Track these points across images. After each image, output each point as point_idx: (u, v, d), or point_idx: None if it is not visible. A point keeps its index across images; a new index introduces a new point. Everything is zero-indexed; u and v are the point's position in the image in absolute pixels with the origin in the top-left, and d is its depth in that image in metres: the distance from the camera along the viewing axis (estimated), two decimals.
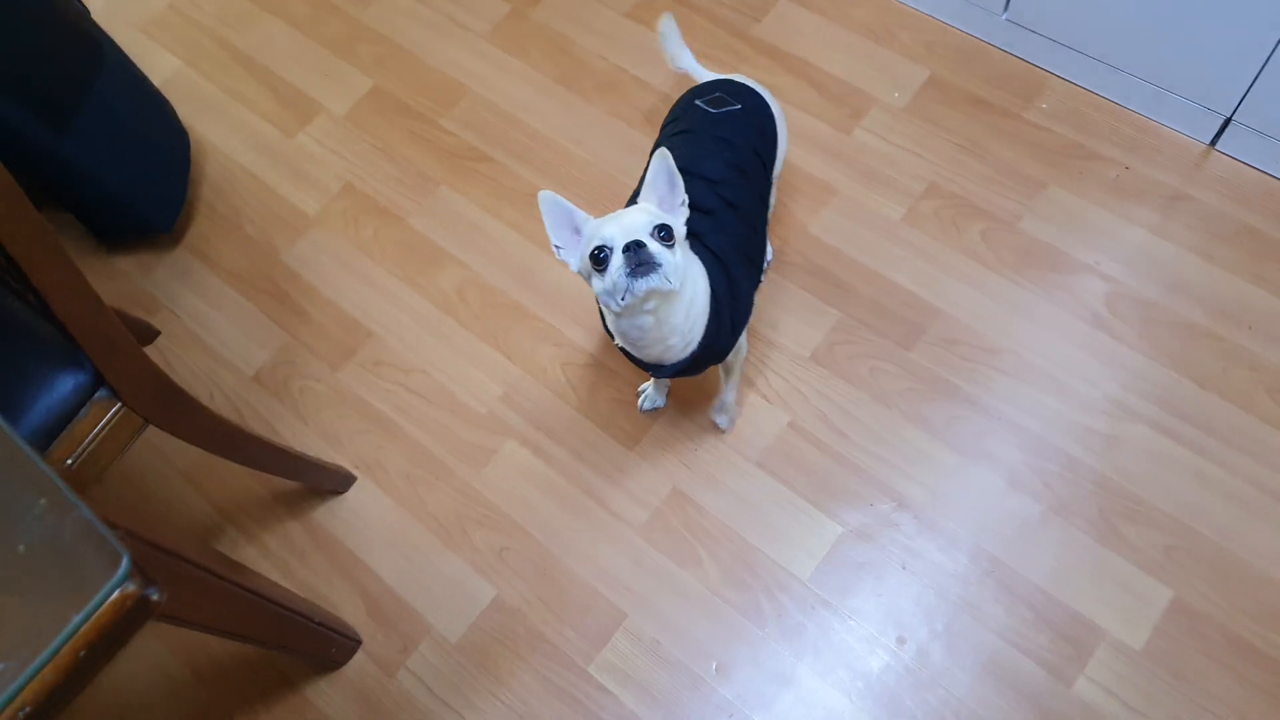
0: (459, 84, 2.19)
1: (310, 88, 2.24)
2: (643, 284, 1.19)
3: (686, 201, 1.30)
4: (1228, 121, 1.78)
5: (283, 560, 1.71)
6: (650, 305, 1.24)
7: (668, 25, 1.74)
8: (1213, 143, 1.84)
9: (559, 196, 1.26)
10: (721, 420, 1.69)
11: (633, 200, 1.40)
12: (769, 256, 1.80)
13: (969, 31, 2.05)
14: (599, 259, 1.21)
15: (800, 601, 1.57)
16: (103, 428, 1.17)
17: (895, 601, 1.55)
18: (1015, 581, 1.54)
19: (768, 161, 1.53)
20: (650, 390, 1.73)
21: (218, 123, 2.21)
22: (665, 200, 1.30)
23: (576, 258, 1.28)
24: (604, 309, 1.34)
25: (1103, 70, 1.88)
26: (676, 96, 2.05)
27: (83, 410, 1.17)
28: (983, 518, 1.59)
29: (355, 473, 1.77)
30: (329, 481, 1.72)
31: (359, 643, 1.62)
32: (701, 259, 1.37)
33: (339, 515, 1.74)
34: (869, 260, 1.84)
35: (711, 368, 1.50)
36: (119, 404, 1.18)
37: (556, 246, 1.29)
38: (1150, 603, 1.49)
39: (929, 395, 1.70)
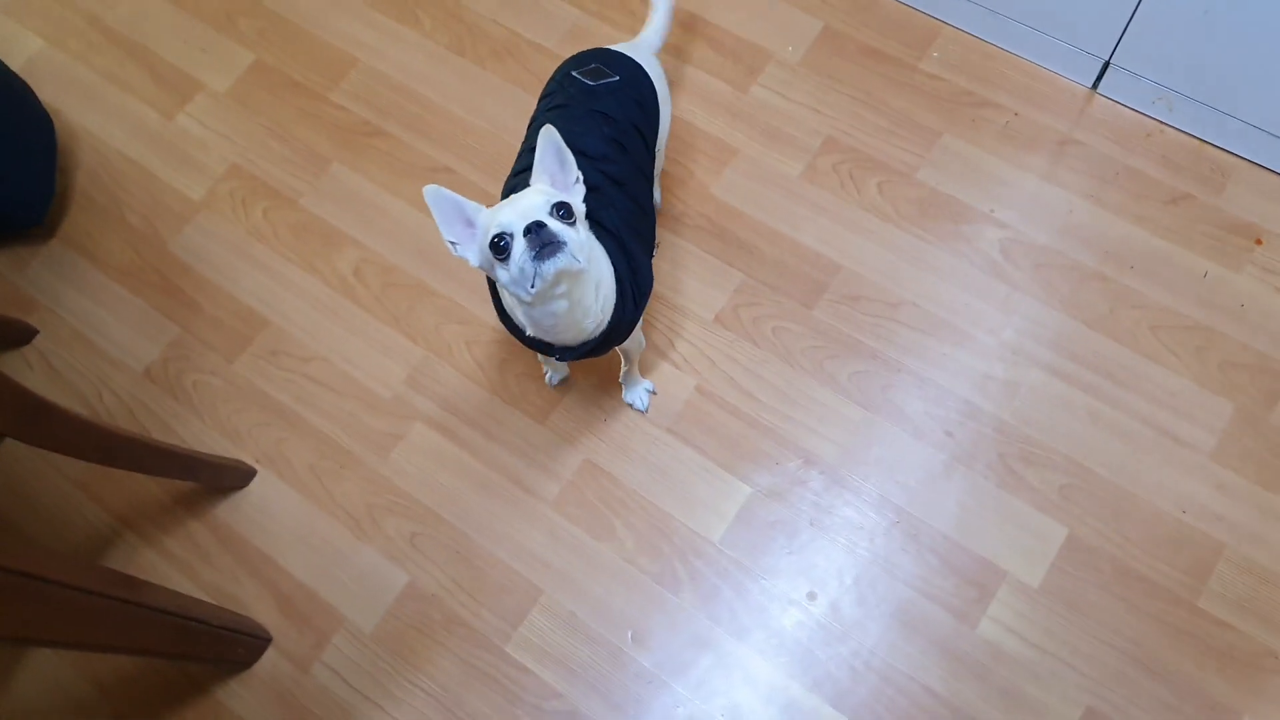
0: (348, 55, 2.12)
1: (189, 65, 2.14)
2: (550, 265, 1.14)
3: (581, 179, 1.26)
4: (1106, 65, 1.81)
5: (186, 563, 1.67)
6: (561, 288, 1.20)
7: None
8: (1094, 86, 1.87)
9: (445, 190, 1.20)
10: (636, 399, 1.69)
11: (515, 180, 1.37)
12: (657, 200, 1.77)
13: None
14: (500, 247, 1.16)
15: (714, 565, 1.59)
16: None
17: (806, 558, 1.58)
18: (921, 530, 1.57)
19: (649, 135, 1.50)
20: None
21: (90, 106, 2.11)
22: (557, 179, 1.24)
23: (475, 251, 1.21)
24: (510, 301, 1.30)
25: (990, 17, 1.89)
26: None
27: None
28: (889, 470, 1.62)
29: (257, 466, 1.73)
30: (227, 479, 1.68)
31: (268, 640, 1.59)
32: (597, 237, 1.34)
33: (243, 512, 1.70)
34: (770, 219, 1.84)
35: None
36: None
37: (451, 243, 1.22)
38: (1047, 541, 1.54)
39: (833, 352, 1.72)
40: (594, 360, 1.73)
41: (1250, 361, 1.63)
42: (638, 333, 1.48)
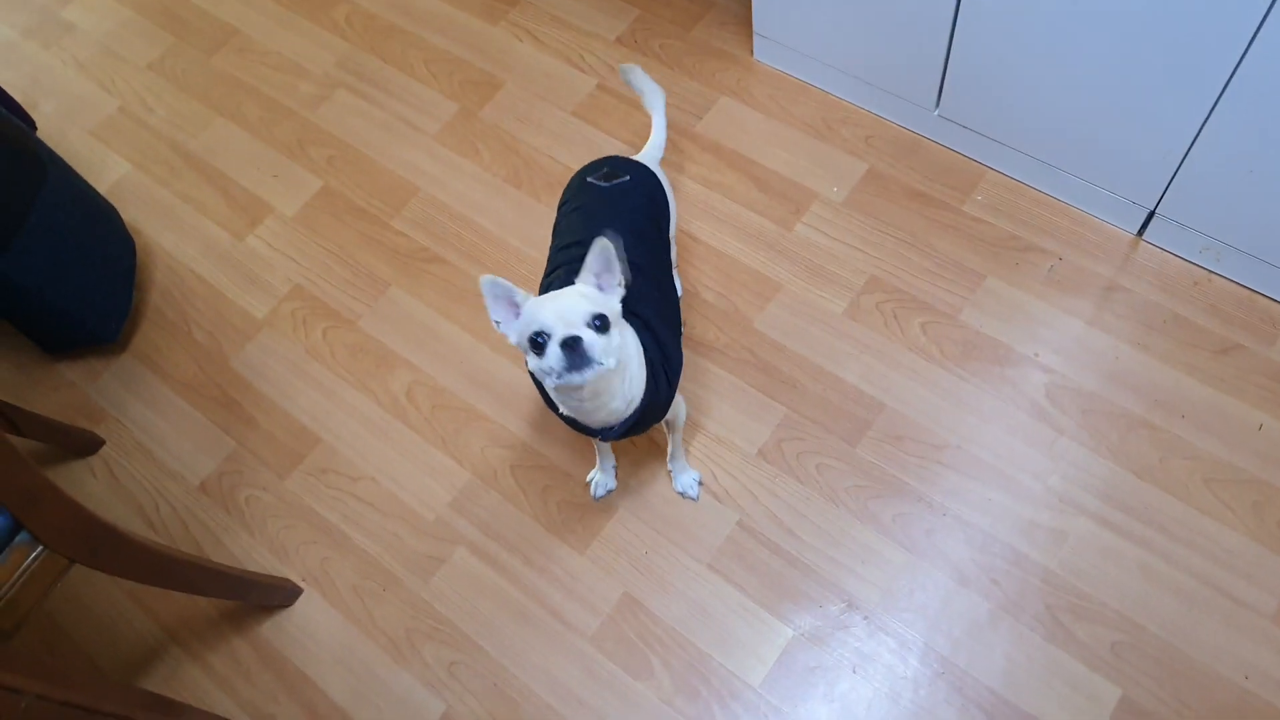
0: (410, 184, 2.18)
1: (261, 189, 2.22)
2: (578, 377, 1.20)
3: (624, 282, 1.32)
4: (1152, 214, 1.80)
5: (227, 679, 1.64)
6: (588, 388, 1.25)
7: (632, 72, 1.76)
8: (1140, 233, 1.86)
9: (498, 278, 1.25)
10: (687, 488, 1.68)
11: (547, 280, 1.43)
12: (679, 288, 1.83)
13: (905, 125, 2.07)
14: (537, 343, 1.22)
15: (753, 710, 1.52)
16: (22, 573, 1.11)
17: (847, 707, 1.51)
18: (966, 683, 1.50)
19: (662, 225, 1.58)
20: (599, 476, 1.70)
21: (168, 226, 2.18)
22: (603, 278, 1.30)
23: (515, 333, 1.28)
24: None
25: (1034, 164, 1.90)
26: None
27: (0, 555, 1.11)
28: (933, 617, 1.56)
29: (302, 585, 1.71)
30: (274, 597, 1.66)
31: None
32: (627, 320, 1.38)
33: (286, 630, 1.68)
34: (813, 355, 1.83)
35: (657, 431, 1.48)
36: (40, 547, 1.13)
37: (496, 322, 1.29)
38: (1100, 702, 1.46)
39: (877, 492, 1.67)
40: (635, 488, 1.71)
41: None
42: (678, 406, 1.53)
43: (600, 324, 1.23)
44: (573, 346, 1.19)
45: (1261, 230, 1.67)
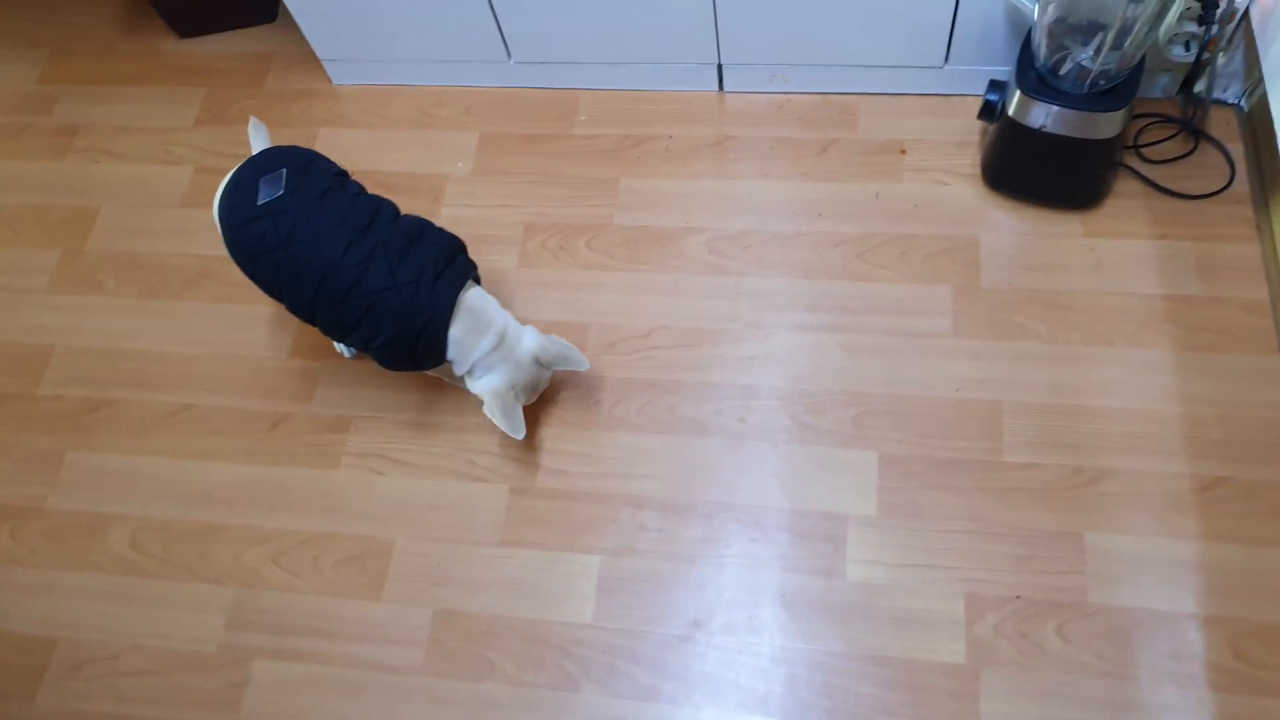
0: (41, 346, 1.90)
1: None
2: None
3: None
4: (720, 66, 1.88)
5: None
6: None
7: (258, 132, 1.56)
8: (720, 87, 1.94)
9: (498, 396, 1.38)
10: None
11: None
12: None
13: (492, 85, 2.05)
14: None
15: (598, 645, 1.46)
16: None
17: (678, 593, 1.48)
18: (760, 516, 1.52)
19: (342, 171, 1.49)
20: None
21: None
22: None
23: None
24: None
25: (612, 70, 1.94)
26: None
27: None
28: (708, 477, 1.56)
29: None
30: None
31: None
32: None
33: None
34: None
35: None
36: None
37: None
38: (865, 470, 1.53)
39: (615, 397, 1.66)
40: (403, 513, 1.59)
41: (944, 247, 1.70)
42: None
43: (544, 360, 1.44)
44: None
45: (805, 41, 1.79)
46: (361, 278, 1.36)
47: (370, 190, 1.68)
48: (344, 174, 1.50)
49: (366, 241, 1.37)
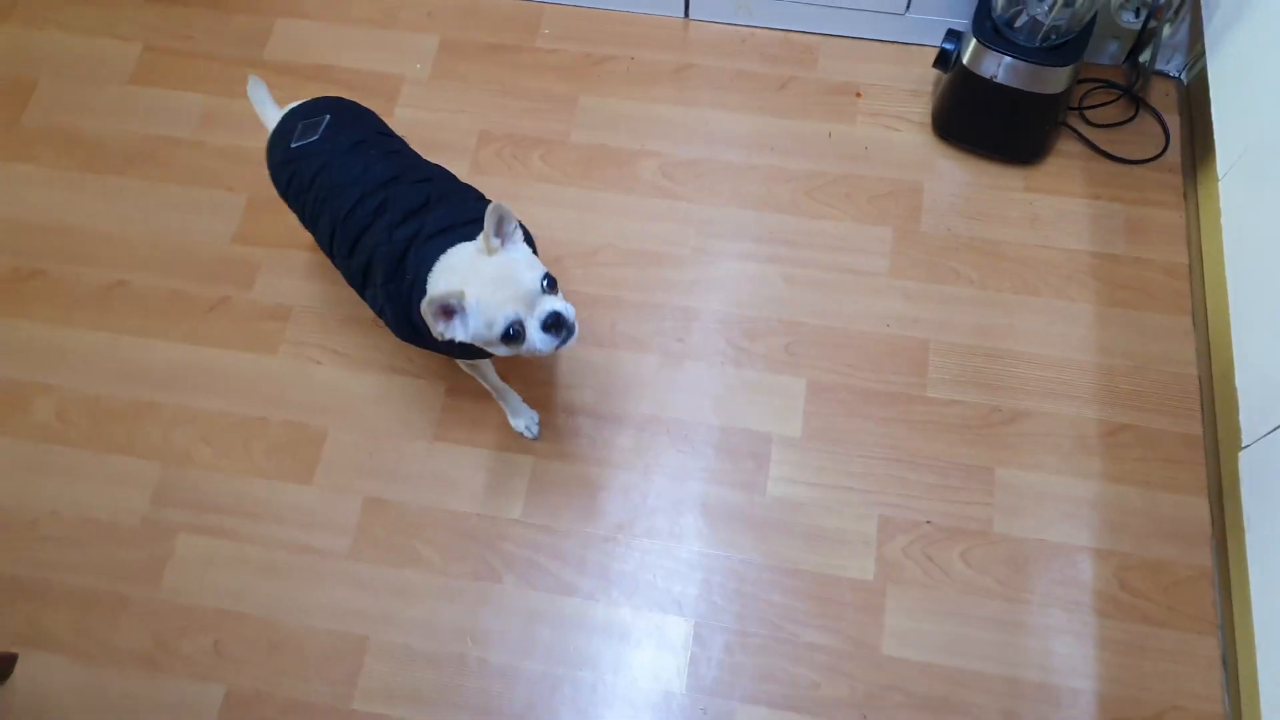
0: None
1: None
2: (566, 347, 1.13)
3: (519, 226, 1.17)
4: None
5: None
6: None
7: (256, 89, 1.47)
8: (686, 14, 1.93)
9: (435, 297, 1.07)
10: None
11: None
12: None
13: None
14: (514, 335, 1.10)
15: (523, 541, 1.48)
16: None
17: (605, 497, 1.51)
18: (689, 430, 1.55)
19: (389, 130, 1.43)
20: (520, 422, 1.54)
21: None
22: (503, 233, 1.15)
23: (468, 332, 1.13)
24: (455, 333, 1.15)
25: None
26: (215, 142, 1.84)
27: None
28: (642, 391, 1.58)
29: (15, 651, 1.43)
30: None
31: None
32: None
33: (16, 705, 1.40)
34: None
35: None
36: None
37: (440, 333, 1.12)
38: (792, 396, 1.56)
39: None
40: (339, 406, 1.58)
41: (889, 189, 1.73)
42: None
43: (550, 283, 1.12)
44: (556, 325, 1.10)
45: None
46: (364, 232, 1.26)
47: (319, 89, 1.63)
48: (390, 134, 1.43)
49: (378, 196, 1.26)
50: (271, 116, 1.43)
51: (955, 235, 1.68)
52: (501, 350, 1.15)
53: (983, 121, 1.66)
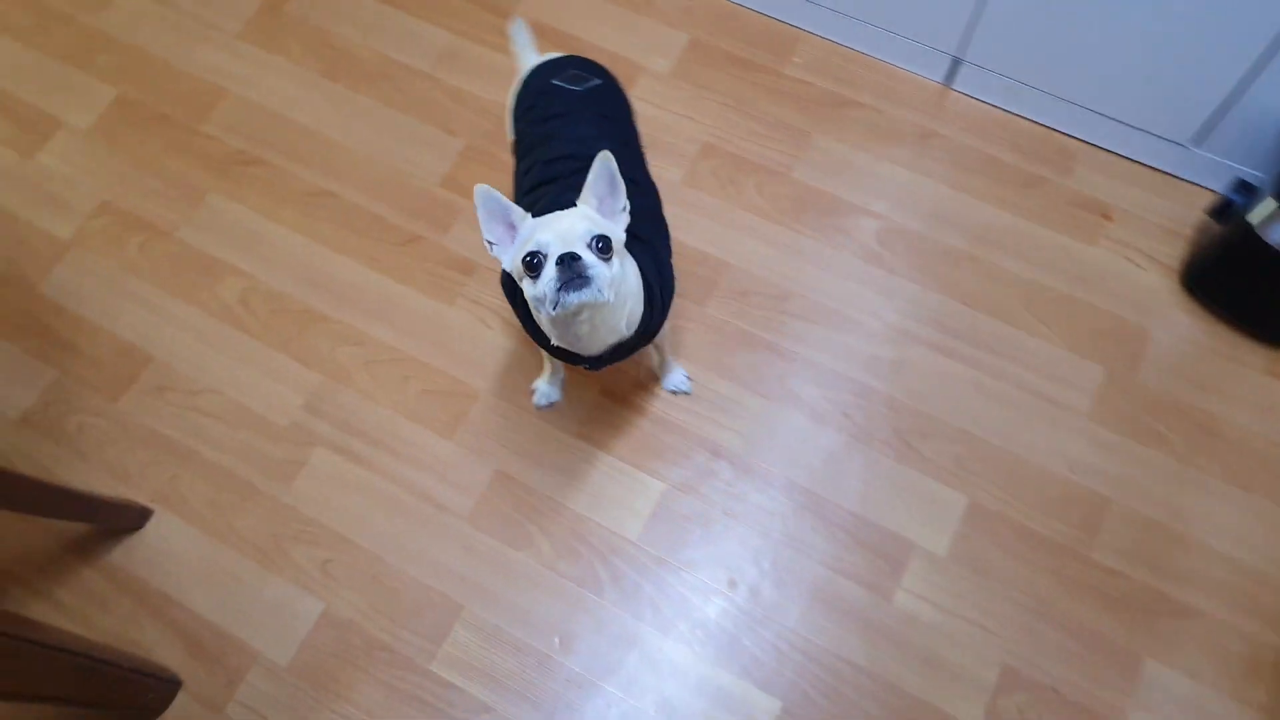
0: (216, 87, 1.97)
1: (45, 103, 1.95)
2: (574, 298, 1.08)
3: (628, 208, 1.19)
4: (957, 61, 1.83)
5: (80, 612, 1.49)
6: (584, 316, 1.14)
7: (520, 32, 1.55)
8: (947, 81, 1.89)
9: (495, 191, 1.12)
10: (679, 384, 1.60)
11: (530, 198, 1.28)
12: None
13: None
14: (531, 265, 1.10)
15: (634, 563, 1.51)
16: None
17: (723, 547, 1.52)
18: (829, 510, 1.54)
19: (635, 130, 1.46)
20: (544, 385, 1.60)
21: None
22: (605, 203, 1.17)
23: (509, 257, 1.15)
24: (535, 310, 1.20)
25: (846, 22, 1.90)
26: (448, 82, 1.93)
27: None
28: (793, 454, 1.58)
29: (152, 506, 1.55)
30: (122, 519, 1.51)
31: (179, 684, 1.43)
32: (630, 247, 1.25)
33: (138, 554, 1.53)
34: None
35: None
36: None
37: (489, 242, 1.15)
38: (949, 510, 1.53)
39: (729, 346, 1.67)
40: (499, 371, 1.64)
41: (1114, 327, 1.66)
42: (665, 326, 1.41)
43: (603, 246, 1.10)
44: (569, 265, 1.06)
45: (1055, 69, 1.73)
46: (549, 184, 1.32)
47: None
48: (633, 128, 1.45)
49: (583, 166, 1.34)
50: (528, 60, 1.48)
51: (1172, 397, 1.60)
52: (527, 287, 1.13)
53: (1247, 289, 1.57)
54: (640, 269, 1.26)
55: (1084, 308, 1.68)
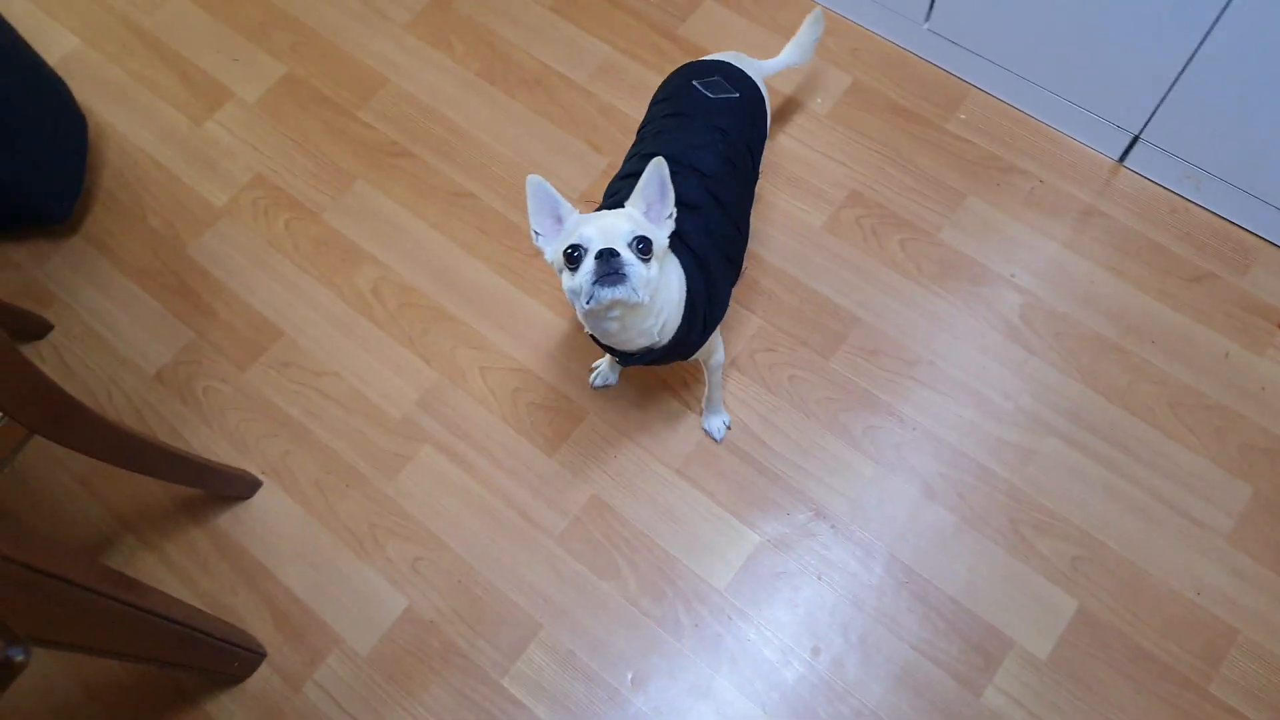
0: (378, 75, 2.07)
1: (221, 73, 2.09)
2: (607, 293, 1.13)
3: (674, 215, 1.24)
4: (1135, 139, 1.77)
5: (184, 570, 1.60)
6: (615, 313, 1.18)
7: (815, 21, 1.67)
8: (1121, 159, 1.83)
9: (546, 183, 1.19)
10: (713, 429, 1.63)
11: (618, 184, 1.34)
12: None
13: (892, 40, 2.01)
14: (572, 257, 1.16)
15: (717, 612, 1.52)
16: None
17: (811, 612, 1.51)
18: (929, 592, 1.51)
19: (756, 154, 1.48)
20: (604, 367, 1.66)
21: (121, 107, 2.05)
22: (654, 208, 1.22)
23: (552, 249, 1.21)
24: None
25: (1020, 84, 1.86)
26: (602, 97, 1.98)
27: None
28: (899, 528, 1.55)
29: (262, 478, 1.65)
30: (233, 487, 1.61)
31: (263, 655, 1.51)
32: (682, 259, 1.29)
33: (244, 523, 1.63)
34: (790, 268, 1.79)
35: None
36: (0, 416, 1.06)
37: (536, 233, 1.22)
38: (1057, 613, 1.48)
39: (848, 405, 1.66)
40: (611, 395, 1.67)
41: (1270, 446, 1.58)
42: (716, 348, 1.45)
43: (643, 248, 1.15)
44: (607, 260, 1.12)
45: (1244, 160, 1.65)
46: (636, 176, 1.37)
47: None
48: (754, 154, 1.47)
49: (678, 170, 1.36)
50: (786, 56, 1.65)
51: None
52: (565, 279, 1.17)
53: None
54: (690, 288, 1.29)
55: (1238, 420, 1.60)
